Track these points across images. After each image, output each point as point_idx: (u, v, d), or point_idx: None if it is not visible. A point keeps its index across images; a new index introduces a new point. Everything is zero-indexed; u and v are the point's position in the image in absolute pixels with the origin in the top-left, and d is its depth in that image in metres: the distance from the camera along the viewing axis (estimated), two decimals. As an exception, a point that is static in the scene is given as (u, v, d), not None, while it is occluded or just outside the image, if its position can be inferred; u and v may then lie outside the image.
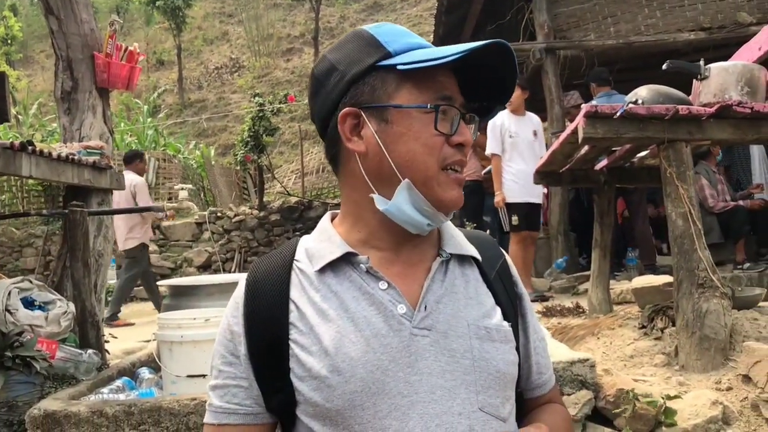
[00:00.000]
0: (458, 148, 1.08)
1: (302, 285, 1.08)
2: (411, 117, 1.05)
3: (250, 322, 1.08)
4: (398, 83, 1.06)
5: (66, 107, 4.21)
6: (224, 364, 1.09)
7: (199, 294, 4.01)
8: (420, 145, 1.05)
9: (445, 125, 1.06)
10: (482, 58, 1.05)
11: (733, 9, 7.61)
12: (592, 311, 4.93)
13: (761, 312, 3.73)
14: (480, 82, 1.11)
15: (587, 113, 3.39)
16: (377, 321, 1.03)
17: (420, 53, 1.06)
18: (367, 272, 1.07)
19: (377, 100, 1.07)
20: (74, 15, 4.19)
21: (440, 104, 1.05)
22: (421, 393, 1.01)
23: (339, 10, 29.63)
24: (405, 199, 1.05)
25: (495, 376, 1.06)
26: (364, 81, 1.07)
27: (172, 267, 12.43)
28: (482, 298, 1.12)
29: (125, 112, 21.25)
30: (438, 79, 1.06)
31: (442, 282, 1.10)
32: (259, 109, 11.98)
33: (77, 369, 3.44)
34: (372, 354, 1.01)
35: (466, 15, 9.66)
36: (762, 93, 3.53)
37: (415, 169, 1.05)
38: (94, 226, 4.15)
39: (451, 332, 1.05)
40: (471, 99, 1.12)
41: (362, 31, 1.12)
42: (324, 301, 1.06)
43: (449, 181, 1.07)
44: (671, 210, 3.45)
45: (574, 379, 2.83)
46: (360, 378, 1.00)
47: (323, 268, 1.08)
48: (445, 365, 1.03)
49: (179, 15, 24.70)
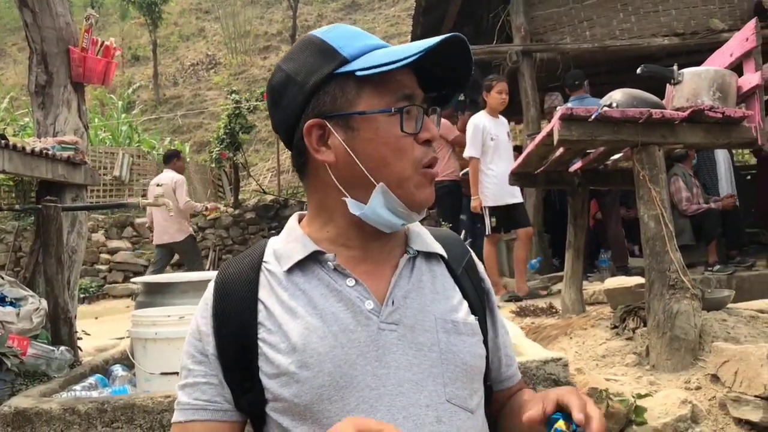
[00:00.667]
0: (427, 144, 1.09)
1: (271, 285, 1.09)
2: (376, 122, 1.06)
3: (219, 322, 1.08)
4: (358, 89, 1.06)
5: (40, 101, 4.15)
6: (194, 363, 1.09)
7: (174, 291, 3.99)
8: (390, 149, 1.06)
9: (410, 125, 1.07)
10: (438, 53, 1.05)
11: (706, 16, 7.74)
12: (565, 311, 4.98)
13: (730, 313, 3.80)
14: (437, 72, 1.11)
15: (563, 116, 3.43)
16: (345, 316, 1.05)
17: (377, 56, 1.05)
18: (335, 270, 1.08)
19: (340, 108, 1.06)
20: (49, 8, 4.13)
21: (403, 106, 1.06)
22: (389, 386, 1.02)
23: (317, 8, 29.56)
24: (380, 202, 1.06)
25: (462, 368, 1.08)
26: (323, 90, 1.07)
27: (146, 264, 12.31)
28: (449, 293, 1.14)
29: (99, 108, 21.01)
30: (397, 78, 1.06)
31: (409, 278, 1.12)
32: (236, 106, 11.92)
33: (49, 366, 3.40)
34: (340, 349, 1.02)
35: (444, 16, 9.70)
36: (733, 98, 3.60)
37: (389, 173, 1.06)
38: (68, 222, 4.10)
39: (419, 326, 1.07)
40: (429, 89, 1.13)
41: (313, 38, 1.10)
42: (292, 299, 1.07)
43: (424, 181, 1.08)
44: (644, 212, 3.50)
45: (547, 378, 2.87)
46: (328, 372, 1.01)
47: (291, 268, 1.09)
48: (412, 358, 1.05)
49: (155, 10, 24.43)
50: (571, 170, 4.88)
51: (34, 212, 3.88)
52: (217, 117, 17.92)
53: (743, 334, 3.48)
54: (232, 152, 12.02)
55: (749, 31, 3.57)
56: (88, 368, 3.62)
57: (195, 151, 20.85)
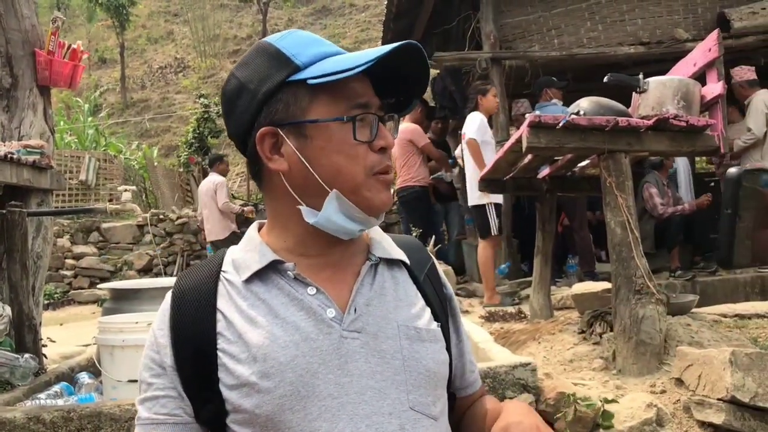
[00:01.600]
0: (382, 152, 1.08)
1: (230, 295, 1.08)
2: (329, 129, 1.05)
3: (176, 333, 1.07)
4: (311, 97, 1.05)
5: (5, 105, 4.08)
6: (152, 376, 1.07)
7: (141, 298, 3.95)
8: (343, 157, 1.05)
9: (364, 133, 1.06)
10: (394, 59, 1.05)
11: (671, 25, 7.88)
12: (533, 316, 5.03)
13: (694, 318, 3.88)
14: (394, 78, 1.10)
15: (531, 123, 3.48)
16: (306, 325, 1.04)
17: (330, 63, 1.05)
18: (295, 279, 1.08)
19: (292, 116, 1.06)
20: (14, 10, 4.07)
21: (356, 114, 1.06)
22: (351, 394, 1.02)
23: (287, 13, 29.50)
24: (334, 209, 1.06)
25: (425, 375, 1.08)
26: (276, 98, 1.06)
27: (112, 270, 12.15)
28: (412, 299, 1.14)
29: (65, 111, 20.69)
30: (351, 86, 1.06)
31: (371, 285, 1.11)
32: (205, 110, 11.84)
33: (13, 374, 3.34)
34: (301, 358, 1.02)
35: (414, 22, 9.75)
36: (697, 107, 3.68)
37: (343, 180, 1.05)
38: (33, 227, 4.03)
39: (381, 334, 1.07)
40: (386, 96, 1.12)
41: (267, 45, 1.10)
42: (252, 308, 1.06)
43: (378, 185, 1.08)
44: (610, 218, 3.56)
45: (515, 383, 2.89)
46: (289, 382, 1.00)
47: (251, 278, 1.08)
48: (375, 366, 1.04)
49: (123, 13, 24.17)
50: (539, 177, 4.93)
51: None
52: (185, 121, 17.79)
53: (707, 338, 3.55)
54: (201, 156, 11.93)
55: (712, 42, 3.65)
56: (54, 376, 3.57)
57: (163, 155, 20.64)
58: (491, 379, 2.84)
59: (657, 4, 7.92)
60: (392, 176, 1.11)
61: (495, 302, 6.08)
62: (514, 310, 5.59)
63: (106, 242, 12.71)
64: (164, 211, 13.12)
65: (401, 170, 7.55)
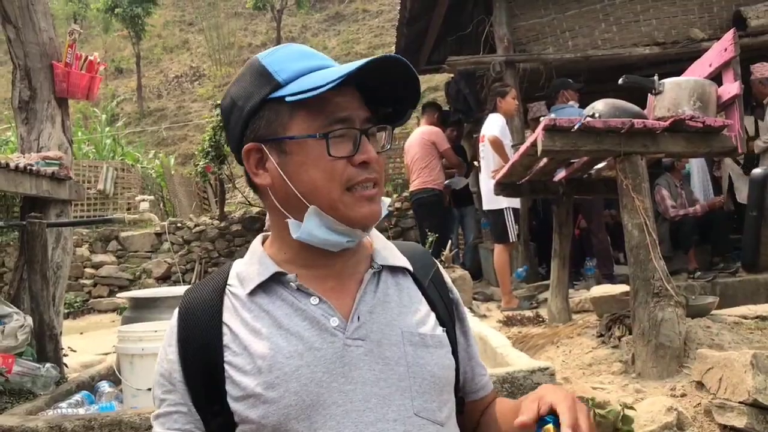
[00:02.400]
0: (363, 166, 1.08)
1: (235, 308, 1.10)
2: (307, 145, 1.06)
3: (184, 348, 1.09)
4: (291, 113, 1.07)
5: (24, 117, 4.13)
6: (164, 392, 1.10)
7: (160, 306, 3.97)
8: (320, 172, 1.06)
9: (342, 148, 1.06)
10: (380, 70, 1.05)
11: (686, 25, 7.83)
12: (551, 320, 5.01)
13: (714, 320, 3.84)
14: (387, 88, 1.10)
15: (546, 126, 3.47)
16: (310, 335, 1.05)
17: (309, 80, 1.05)
18: (298, 290, 1.09)
19: (273, 133, 1.08)
20: (32, 23, 4.13)
21: (332, 130, 1.05)
22: (356, 402, 1.03)
23: (301, 20, 29.61)
24: (316, 223, 1.07)
25: (430, 381, 1.08)
26: (259, 115, 1.09)
27: (131, 278, 12.23)
28: (416, 306, 1.14)
29: (82, 121, 20.89)
30: (333, 101, 1.06)
31: (375, 293, 1.12)
32: (221, 119, 11.91)
33: (35, 383, 3.37)
34: (306, 368, 1.03)
35: (428, 27, 9.75)
36: (713, 108, 3.65)
37: (319, 195, 1.06)
38: (53, 238, 4.08)
39: (385, 341, 1.08)
40: (384, 105, 1.13)
41: (255, 62, 1.12)
42: (256, 320, 1.07)
43: (355, 200, 1.07)
44: (627, 221, 3.54)
45: (534, 388, 2.87)
46: (294, 392, 1.01)
47: (254, 290, 1.09)
48: (379, 373, 1.05)
49: (138, 23, 24.35)
50: (555, 179, 4.92)
51: (19, 228, 3.85)
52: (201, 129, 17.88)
53: (727, 340, 3.51)
54: (217, 165, 11.98)
55: (728, 42, 3.63)
56: (74, 385, 3.60)
57: (180, 164, 20.77)
58: (509, 384, 2.83)
59: (672, 4, 7.87)
60: (375, 190, 1.10)
61: (513, 306, 6.06)
62: (532, 313, 5.57)
63: (124, 251, 12.81)
64: (182, 219, 13.19)
65: (421, 171, 7.48)
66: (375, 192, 1.10)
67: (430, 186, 7.48)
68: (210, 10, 30.03)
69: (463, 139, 10.59)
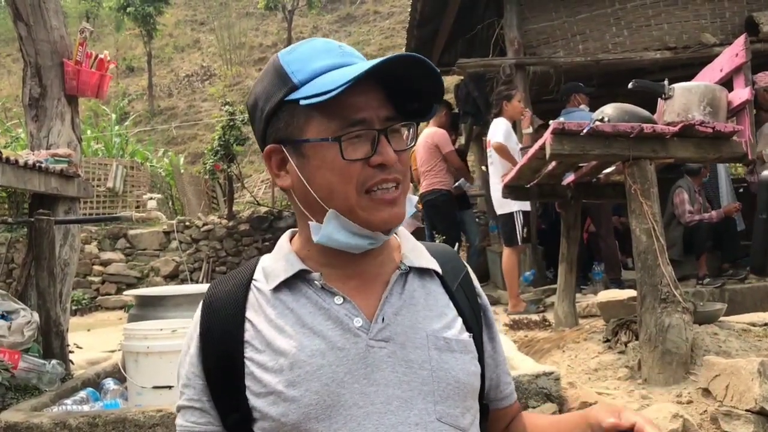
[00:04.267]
0: (381, 167, 1.05)
1: (259, 303, 1.09)
2: (322, 148, 1.04)
3: (205, 342, 1.09)
4: (306, 115, 1.05)
5: (34, 114, 4.15)
6: (184, 386, 1.10)
7: (167, 304, 3.98)
8: (336, 175, 1.04)
9: (358, 150, 1.04)
10: (397, 68, 1.02)
11: (698, 30, 7.79)
12: (558, 324, 4.99)
13: (721, 327, 3.82)
14: (411, 83, 1.07)
15: (554, 130, 3.45)
16: (333, 334, 1.04)
17: (325, 80, 1.02)
18: (323, 288, 1.08)
19: (291, 135, 1.06)
20: (44, 21, 4.14)
21: (347, 133, 1.03)
22: (377, 404, 1.02)
23: (312, 20, 29.65)
24: (335, 227, 1.05)
25: (454, 386, 1.07)
26: (277, 116, 1.07)
27: (139, 276, 12.28)
28: (442, 309, 1.12)
29: (93, 119, 20.98)
30: (348, 102, 1.03)
31: (401, 294, 1.10)
32: (230, 118, 11.92)
33: (40, 380, 3.39)
34: (328, 367, 1.02)
35: (438, 29, 9.74)
36: (723, 113, 3.63)
37: (336, 199, 1.04)
38: (60, 235, 4.09)
39: (409, 343, 1.06)
40: (410, 99, 1.09)
41: (275, 61, 1.10)
42: (280, 317, 1.06)
43: (374, 204, 1.05)
44: (635, 226, 3.52)
45: (539, 392, 2.87)
46: (315, 391, 1.01)
47: (279, 286, 1.09)
48: (402, 376, 1.04)
49: (150, 22, 24.45)
50: (563, 183, 4.90)
51: (27, 225, 3.87)
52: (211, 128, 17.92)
53: (735, 347, 3.49)
54: (226, 164, 12.00)
55: (739, 47, 3.61)
56: (80, 382, 3.61)
57: (189, 163, 20.83)
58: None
59: (684, 9, 7.83)
60: (396, 193, 1.07)
61: (519, 310, 6.04)
62: (538, 317, 5.55)
63: (133, 249, 12.86)
64: (190, 218, 13.23)
65: (427, 174, 7.45)
66: (396, 195, 1.07)
67: (437, 187, 7.43)
68: (221, 9, 30.12)
69: (472, 141, 10.56)
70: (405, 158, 1.09)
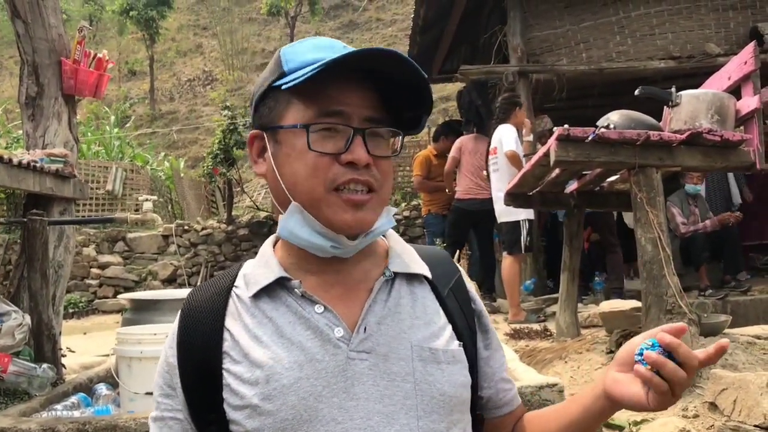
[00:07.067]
0: (351, 167, 1.00)
1: (238, 312, 1.04)
2: (294, 136, 1.01)
3: (183, 352, 1.04)
4: (288, 102, 1.02)
5: (30, 113, 4.09)
6: (162, 396, 1.07)
7: (162, 309, 3.92)
8: (303, 166, 1.00)
9: (330, 144, 0.99)
10: (381, 64, 0.98)
11: (702, 40, 7.75)
12: (559, 334, 4.92)
13: (727, 339, 3.74)
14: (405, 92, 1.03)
15: (559, 136, 3.39)
16: (312, 345, 0.99)
17: (306, 69, 0.99)
18: (303, 296, 1.03)
19: (271, 121, 1.04)
20: (42, 19, 4.08)
21: (318, 122, 0.99)
22: (357, 419, 0.97)
23: (314, 26, 29.68)
24: (298, 222, 1.01)
25: (439, 399, 1.01)
26: (264, 103, 1.06)
27: (136, 280, 12.22)
28: (431, 316, 1.07)
29: (94, 121, 20.95)
30: (327, 93, 1.00)
31: (386, 302, 1.05)
32: (231, 122, 11.89)
33: (30, 384, 3.31)
34: (305, 380, 0.97)
35: (441, 36, 9.72)
36: (731, 121, 3.58)
37: (301, 191, 1.01)
38: (55, 236, 4.02)
39: (392, 355, 1.01)
40: (404, 109, 1.05)
41: (279, 51, 1.09)
42: (258, 327, 1.02)
43: (340, 203, 1.00)
44: (641, 235, 3.46)
45: (542, 404, 2.79)
46: (291, 405, 0.96)
47: (258, 294, 1.04)
48: (383, 390, 0.99)
49: (153, 26, 24.50)
50: (567, 191, 4.84)
51: (21, 225, 3.81)
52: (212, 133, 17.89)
53: (741, 361, 3.42)
54: (226, 168, 11.97)
55: (748, 55, 3.55)
56: (71, 386, 3.54)
57: (190, 167, 20.81)
58: (516, 399, 2.74)
59: (688, 18, 7.79)
60: (367, 196, 1.01)
61: (520, 319, 5.96)
62: (539, 327, 5.48)
63: (131, 252, 12.80)
64: (189, 222, 13.19)
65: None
66: (366, 198, 1.01)
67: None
68: (224, 15, 30.18)
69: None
70: (384, 165, 1.03)
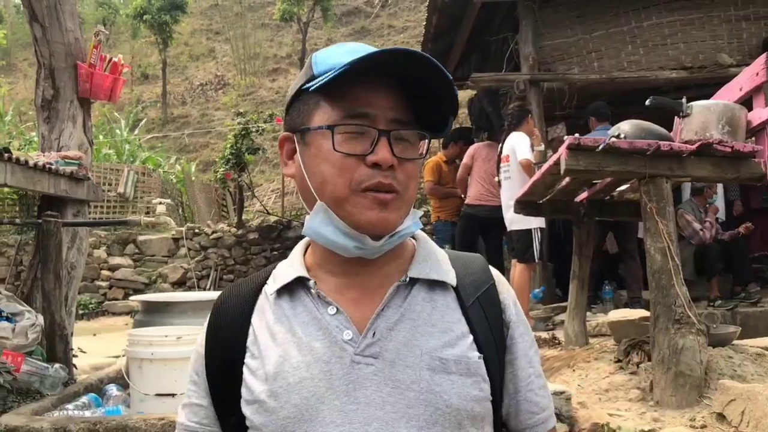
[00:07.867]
0: (375, 168, 1.00)
1: (263, 308, 1.07)
2: (321, 137, 1.02)
3: (211, 343, 1.08)
4: (316, 104, 1.04)
5: (46, 116, 4.14)
6: (191, 383, 1.10)
7: (173, 311, 3.95)
8: (329, 166, 1.01)
9: (356, 145, 1.00)
10: (407, 66, 0.99)
11: (714, 50, 7.73)
12: (568, 343, 4.92)
13: (736, 350, 3.74)
14: (433, 95, 1.03)
15: (570, 145, 3.41)
16: (321, 346, 1.00)
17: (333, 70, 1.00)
18: (318, 297, 1.04)
19: (300, 123, 1.06)
20: (59, 23, 4.14)
21: (343, 123, 1.00)
22: (355, 423, 0.96)
23: (327, 33, 29.77)
24: (322, 221, 1.02)
25: (445, 411, 0.98)
26: (294, 106, 1.07)
27: (146, 282, 12.28)
28: (447, 325, 1.03)
29: (106, 125, 21.09)
30: (353, 94, 1.00)
31: (400, 307, 1.03)
32: (243, 127, 11.95)
33: (42, 383, 3.35)
34: (310, 381, 0.98)
35: (452, 43, 9.73)
36: (742, 133, 3.58)
37: (327, 191, 1.01)
38: (68, 238, 4.07)
39: (400, 361, 0.99)
40: (430, 112, 1.05)
41: (311, 55, 1.11)
42: (276, 324, 1.04)
43: (365, 203, 1.00)
44: (650, 245, 3.46)
45: (549, 412, 2.81)
46: (293, 404, 0.97)
47: (281, 292, 1.06)
48: (386, 396, 0.97)
49: (166, 30, 24.62)
50: (577, 200, 4.84)
51: (35, 227, 3.85)
52: (223, 137, 17.96)
53: (750, 372, 3.42)
54: (237, 173, 12.02)
55: (760, 66, 3.55)
56: (83, 387, 3.57)
57: (201, 170, 20.89)
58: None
59: (700, 29, 7.78)
60: (391, 195, 1.01)
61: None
62: (548, 335, 5.48)
63: (141, 254, 12.87)
64: (200, 225, 13.24)
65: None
66: (389, 197, 1.01)
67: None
68: (237, 20, 30.29)
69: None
70: (409, 167, 1.03)
